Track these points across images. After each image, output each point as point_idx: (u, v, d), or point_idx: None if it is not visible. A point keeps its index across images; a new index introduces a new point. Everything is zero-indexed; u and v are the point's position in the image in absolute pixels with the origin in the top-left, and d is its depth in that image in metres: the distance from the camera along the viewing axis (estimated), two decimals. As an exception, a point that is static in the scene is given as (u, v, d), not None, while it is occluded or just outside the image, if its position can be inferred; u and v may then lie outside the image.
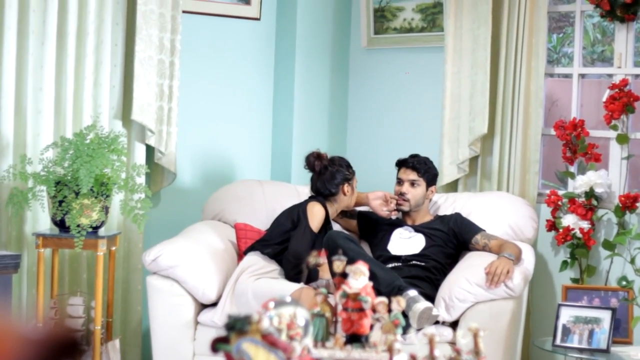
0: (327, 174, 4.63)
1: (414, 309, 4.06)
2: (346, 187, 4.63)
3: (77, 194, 4.32)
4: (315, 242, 4.47)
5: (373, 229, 4.81)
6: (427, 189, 4.75)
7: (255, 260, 4.49)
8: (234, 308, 4.29)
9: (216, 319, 4.31)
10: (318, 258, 4.55)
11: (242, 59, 5.50)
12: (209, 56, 5.38)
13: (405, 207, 4.75)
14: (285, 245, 4.53)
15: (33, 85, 4.60)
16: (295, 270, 4.42)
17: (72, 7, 4.67)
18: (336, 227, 4.86)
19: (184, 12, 5.06)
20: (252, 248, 4.60)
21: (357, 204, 4.83)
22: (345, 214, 4.90)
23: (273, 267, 4.49)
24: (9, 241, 4.57)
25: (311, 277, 4.46)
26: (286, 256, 4.47)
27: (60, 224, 4.38)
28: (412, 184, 4.73)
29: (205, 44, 5.35)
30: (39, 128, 4.62)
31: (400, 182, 4.77)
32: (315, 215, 4.53)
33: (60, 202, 4.34)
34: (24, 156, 4.46)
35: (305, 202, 4.61)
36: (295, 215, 4.56)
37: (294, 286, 4.28)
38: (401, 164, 4.79)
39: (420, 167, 4.73)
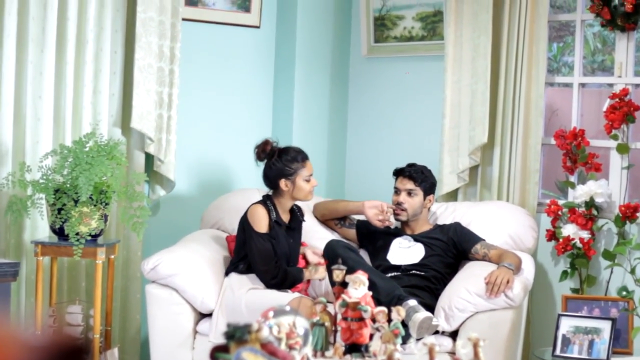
0: (266, 166, 4.52)
1: (413, 319, 4.05)
2: (283, 182, 4.45)
3: (76, 201, 4.31)
4: (275, 241, 4.39)
5: (372, 239, 4.79)
6: (424, 198, 4.73)
7: (235, 279, 4.44)
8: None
9: (211, 338, 4.26)
10: (317, 267, 4.56)
11: (241, 67, 5.49)
12: (208, 64, 5.37)
13: (403, 217, 4.73)
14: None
15: (32, 93, 4.59)
16: (270, 275, 4.35)
17: (71, 14, 4.67)
18: (335, 236, 4.85)
19: (183, 19, 5.05)
20: (226, 273, 4.52)
21: (354, 212, 4.82)
22: (344, 223, 4.88)
23: (254, 279, 4.42)
24: (7, 249, 4.56)
25: (294, 281, 4.42)
26: (256, 268, 4.39)
27: (59, 232, 4.37)
28: (409, 193, 4.71)
29: (205, 51, 5.34)
30: (38, 135, 4.61)
31: (397, 191, 4.75)
32: (256, 217, 4.41)
33: (59, 210, 4.33)
34: (23, 164, 4.45)
35: (246, 211, 4.50)
36: (242, 227, 4.48)
37: (288, 296, 4.26)
38: (398, 173, 4.78)
39: (417, 176, 4.71)
